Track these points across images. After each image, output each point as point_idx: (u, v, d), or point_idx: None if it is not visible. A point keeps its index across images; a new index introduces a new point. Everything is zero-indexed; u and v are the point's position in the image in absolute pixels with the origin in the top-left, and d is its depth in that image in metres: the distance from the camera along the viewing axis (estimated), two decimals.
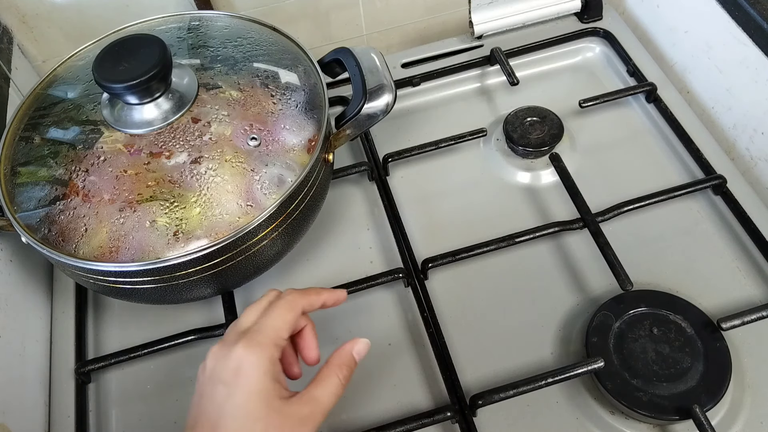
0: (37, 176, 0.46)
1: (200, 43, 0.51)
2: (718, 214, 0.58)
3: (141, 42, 0.44)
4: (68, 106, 0.48)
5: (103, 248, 0.43)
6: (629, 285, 0.50)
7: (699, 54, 0.66)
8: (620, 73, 0.70)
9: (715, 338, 0.48)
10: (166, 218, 0.43)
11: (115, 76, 0.42)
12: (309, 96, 0.49)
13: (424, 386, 0.50)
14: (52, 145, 0.46)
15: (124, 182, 0.43)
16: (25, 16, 0.64)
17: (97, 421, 0.51)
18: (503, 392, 0.46)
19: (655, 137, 0.64)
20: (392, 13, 0.76)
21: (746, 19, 0.58)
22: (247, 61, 0.50)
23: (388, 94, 0.49)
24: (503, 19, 0.72)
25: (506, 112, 0.64)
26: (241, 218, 0.43)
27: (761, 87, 0.58)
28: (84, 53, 0.53)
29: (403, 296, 0.55)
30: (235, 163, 0.44)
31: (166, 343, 0.52)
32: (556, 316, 0.53)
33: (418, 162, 0.64)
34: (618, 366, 0.48)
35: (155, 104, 0.45)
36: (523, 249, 0.57)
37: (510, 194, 0.61)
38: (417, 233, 0.58)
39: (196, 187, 0.43)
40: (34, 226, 0.44)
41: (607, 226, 0.56)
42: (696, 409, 0.45)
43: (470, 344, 0.52)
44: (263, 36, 0.53)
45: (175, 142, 0.44)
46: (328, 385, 0.35)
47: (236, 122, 0.46)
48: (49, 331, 0.56)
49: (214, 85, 0.47)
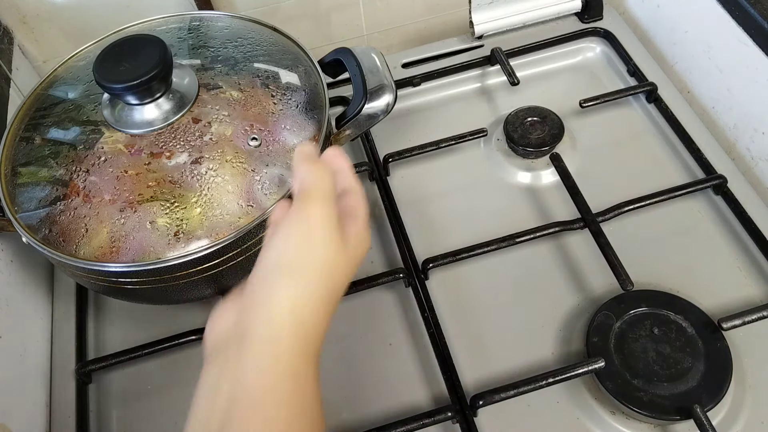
0: (37, 176, 0.46)
1: (201, 43, 0.51)
2: (718, 214, 0.58)
3: (141, 42, 0.44)
4: (69, 106, 0.48)
5: (104, 248, 0.43)
6: (630, 285, 0.50)
7: (699, 54, 0.66)
8: (621, 73, 0.70)
9: (716, 338, 0.48)
10: (167, 218, 0.43)
11: (115, 77, 0.42)
12: (309, 96, 0.49)
13: (424, 386, 0.50)
14: (52, 146, 0.46)
15: (124, 182, 0.43)
16: (25, 16, 0.64)
17: (97, 422, 0.51)
18: (504, 392, 0.46)
19: (656, 137, 0.64)
20: (393, 13, 0.76)
21: (747, 19, 0.57)
22: (248, 62, 0.50)
23: (389, 94, 0.49)
24: (504, 19, 0.72)
25: (507, 112, 0.64)
26: (241, 218, 0.43)
27: (762, 87, 0.58)
28: (84, 53, 0.53)
29: (403, 296, 0.55)
30: (235, 164, 0.44)
31: (166, 343, 0.52)
32: (557, 316, 0.53)
33: (418, 162, 0.64)
34: (619, 366, 0.48)
35: (156, 104, 0.45)
36: (524, 249, 0.57)
37: (510, 194, 0.61)
38: (417, 233, 0.58)
39: (196, 187, 0.43)
40: (34, 226, 0.45)
41: (608, 226, 0.55)
42: (697, 409, 0.45)
43: (471, 344, 0.52)
44: (264, 36, 0.53)
45: (176, 142, 0.44)
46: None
47: (237, 122, 0.46)
48: (49, 331, 0.56)
49: (215, 86, 0.47)
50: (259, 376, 0.27)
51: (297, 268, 0.30)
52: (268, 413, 0.27)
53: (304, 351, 0.29)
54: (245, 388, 0.27)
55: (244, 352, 0.28)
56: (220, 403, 0.27)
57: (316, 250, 0.30)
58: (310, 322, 0.29)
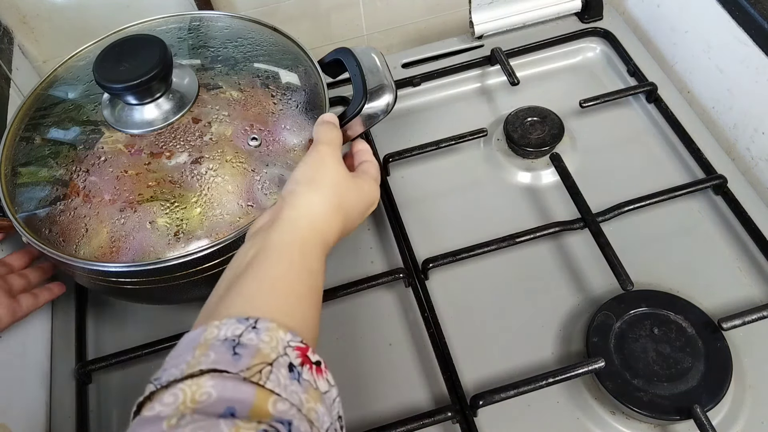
0: (37, 176, 0.46)
1: (201, 43, 0.51)
2: (718, 214, 0.58)
3: (142, 42, 0.44)
4: (69, 106, 0.48)
5: (104, 248, 0.43)
6: (630, 285, 0.50)
7: (699, 54, 0.66)
8: (621, 73, 0.70)
9: (716, 338, 0.48)
10: (167, 218, 0.43)
11: (115, 77, 0.42)
12: (309, 96, 0.49)
13: (424, 386, 0.50)
14: (52, 146, 0.46)
15: (124, 182, 0.43)
16: (25, 16, 0.64)
17: (97, 422, 0.51)
18: (504, 392, 0.46)
19: (656, 137, 0.64)
20: (393, 13, 0.76)
21: (747, 18, 0.57)
22: (248, 62, 0.50)
23: (389, 94, 0.49)
24: (504, 19, 0.72)
25: (507, 112, 0.64)
26: (241, 218, 0.44)
27: (762, 87, 0.58)
28: (84, 53, 0.53)
29: (403, 296, 0.55)
30: (235, 164, 0.44)
31: (166, 344, 0.52)
32: (557, 316, 0.53)
33: (418, 162, 0.64)
34: (619, 366, 0.48)
35: (156, 104, 0.45)
36: (524, 249, 0.57)
37: (510, 194, 0.61)
38: (417, 233, 0.58)
39: (196, 187, 0.43)
40: (35, 226, 0.44)
41: (608, 226, 0.55)
42: (697, 409, 0.45)
43: (471, 344, 0.52)
44: (264, 36, 0.53)
45: (176, 142, 0.44)
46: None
47: (237, 122, 0.46)
48: (49, 331, 0.56)
49: (215, 86, 0.47)
50: (280, 236, 0.37)
51: (314, 181, 0.40)
52: (282, 257, 0.36)
53: (315, 238, 0.38)
54: (268, 243, 0.36)
55: (271, 228, 0.37)
56: (249, 255, 0.36)
57: (327, 170, 0.41)
58: (322, 219, 0.39)
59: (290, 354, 0.31)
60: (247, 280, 0.35)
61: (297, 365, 0.31)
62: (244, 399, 0.28)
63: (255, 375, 0.29)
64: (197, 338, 0.31)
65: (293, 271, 0.36)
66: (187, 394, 0.28)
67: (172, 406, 0.27)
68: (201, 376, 0.29)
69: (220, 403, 0.27)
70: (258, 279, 0.35)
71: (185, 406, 0.27)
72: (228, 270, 0.37)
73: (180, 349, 0.31)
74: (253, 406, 0.28)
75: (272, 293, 0.34)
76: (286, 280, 0.35)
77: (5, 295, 0.48)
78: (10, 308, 0.47)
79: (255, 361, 0.29)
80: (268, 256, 0.36)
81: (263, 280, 0.35)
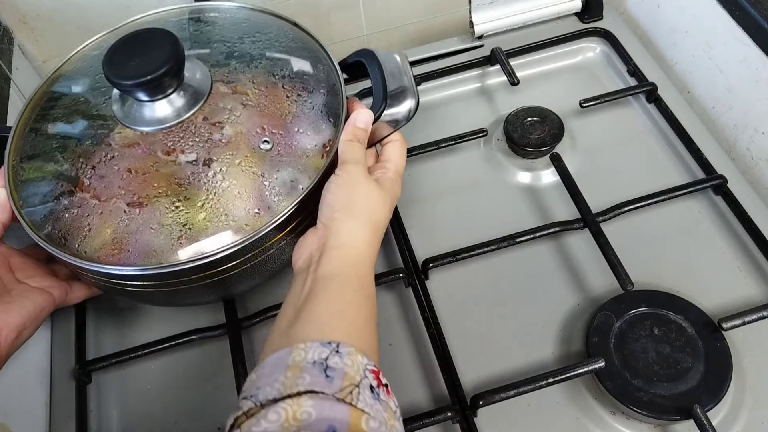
0: (43, 172, 0.44)
1: (215, 37, 0.49)
2: (718, 214, 0.58)
3: (152, 36, 0.42)
4: (78, 101, 0.47)
5: (106, 249, 0.42)
6: (630, 285, 0.50)
7: (699, 54, 0.66)
8: (621, 73, 0.70)
9: (716, 338, 0.48)
10: (172, 221, 0.42)
11: (125, 72, 0.41)
12: (327, 98, 0.47)
13: (424, 386, 0.50)
14: (60, 141, 0.45)
15: (130, 182, 0.42)
16: (25, 16, 0.64)
17: (97, 422, 0.51)
18: (504, 392, 0.46)
19: (656, 137, 0.64)
20: (392, 13, 0.76)
21: (747, 18, 0.57)
22: (264, 59, 0.48)
23: (411, 99, 0.46)
24: (503, 19, 0.72)
25: (507, 112, 0.64)
26: (249, 225, 0.42)
27: (762, 87, 0.58)
28: (96, 44, 0.51)
29: (403, 296, 0.55)
30: (245, 167, 0.43)
31: (166, 343, 0.52)
32: (557, 316, 0.53)
33: (418, 162, 0.64)
34: (619, 366, 0.48)
35: (167, 101, 0.43)
36: (524, 249, 0.57)
37: (510, 194, 0.61)
38: (417, 233, 0.58)
39: (204, 190, 0.42)
40: (38, 222, 0.43)
41: (608, 226, 0.55)
42: (697, 409, 0.45)
43: (471, 344, 0.52)
44: (282, 32, 0.50)
45: (185, 141, 0.43)
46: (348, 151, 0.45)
47: (249, 123, 0.44)
48: (49, 331, 0.56)
49: (228, 82, 0.45)
50: (334, 266, 0.39)
51: (350, 209, 0.42)
52: (344, 285, 0.39)
53: (365, 265, 0.41)
54: (324, 273, 0.39)
55: (322, 258, 0.40)
56: (307, 286, 0.39)
57: (361, 193, 0.43)
58: (366, 245, 0.42)
59: (368, 376, 0.34)
60: (315, 308, 0.37)
61: (375, 386, 0.34)
62: (342, 418, 0.31)
63: (347, 396, 0.32)
64: (285, 358, 0.33)
65: (356, 298, 0.38)
66: (289, 413, 0.30)
67: (276, 423, 0.30)
68: (299, 396, 0.31)
69: (321, 422, 0.30)
70: (325, 306, 0.37)
71: (289, 423, 0.30)
72: (286, 304, 0.39)
73: (269, 368, 0.33)
74: (351, 425, 0.30)
75: (342, 319, 0.37)
76: (352, 306, 0.38)
77: (54, 278, 0.48)
78: (63, 288, 0.48)
79: (345, 383, 0.32)
80: (327, 285, 0.38)
81: (331, 307, 0.37)
